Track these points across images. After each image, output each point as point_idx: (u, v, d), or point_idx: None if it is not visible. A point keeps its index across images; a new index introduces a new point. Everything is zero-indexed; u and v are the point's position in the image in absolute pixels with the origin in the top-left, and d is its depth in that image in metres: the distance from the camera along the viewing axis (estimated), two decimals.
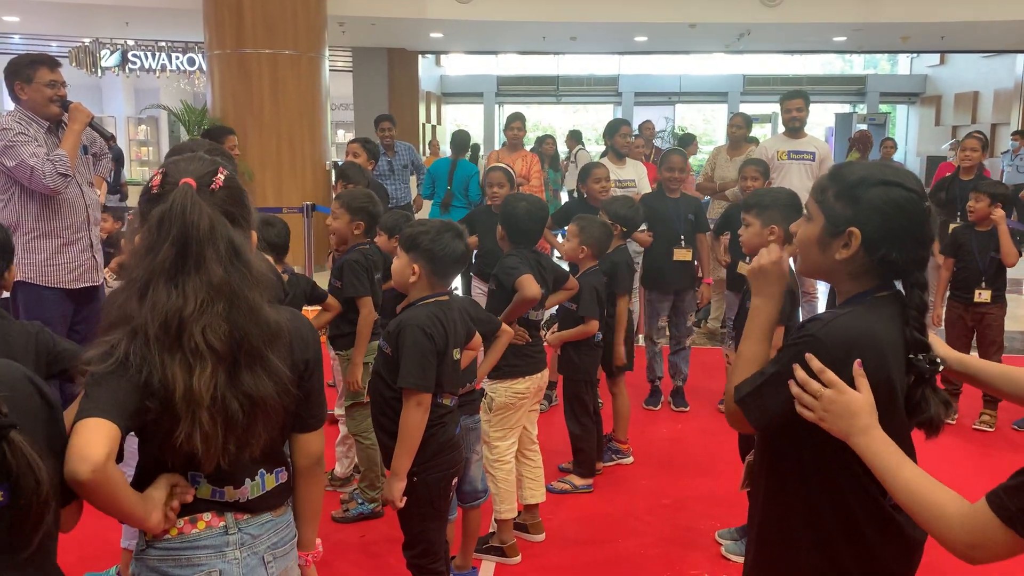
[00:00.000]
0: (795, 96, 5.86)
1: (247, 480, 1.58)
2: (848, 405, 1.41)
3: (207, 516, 1.55)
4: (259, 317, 1.49)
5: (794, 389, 1.47)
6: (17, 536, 1.22)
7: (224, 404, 1.44)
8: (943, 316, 5.07)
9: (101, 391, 1.36)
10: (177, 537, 1.53)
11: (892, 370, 1.47)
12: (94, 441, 1.30)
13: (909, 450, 1.50)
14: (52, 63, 3.81)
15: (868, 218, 1.52)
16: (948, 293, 5.07)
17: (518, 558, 3.37)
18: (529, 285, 3.26)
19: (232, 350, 1.45)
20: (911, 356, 1.49)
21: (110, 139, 4.06)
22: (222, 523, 1.56)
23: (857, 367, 1.43)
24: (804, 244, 1.62)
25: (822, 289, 6.01)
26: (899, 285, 1.56)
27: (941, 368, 1.50)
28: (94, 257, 3.96)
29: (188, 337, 1.42)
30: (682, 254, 5.03)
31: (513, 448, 3.40)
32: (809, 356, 1.45)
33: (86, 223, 3.91)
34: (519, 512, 3.48)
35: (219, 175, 1.53)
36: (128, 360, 1.39)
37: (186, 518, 1.54)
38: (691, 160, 8.78)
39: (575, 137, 11.15)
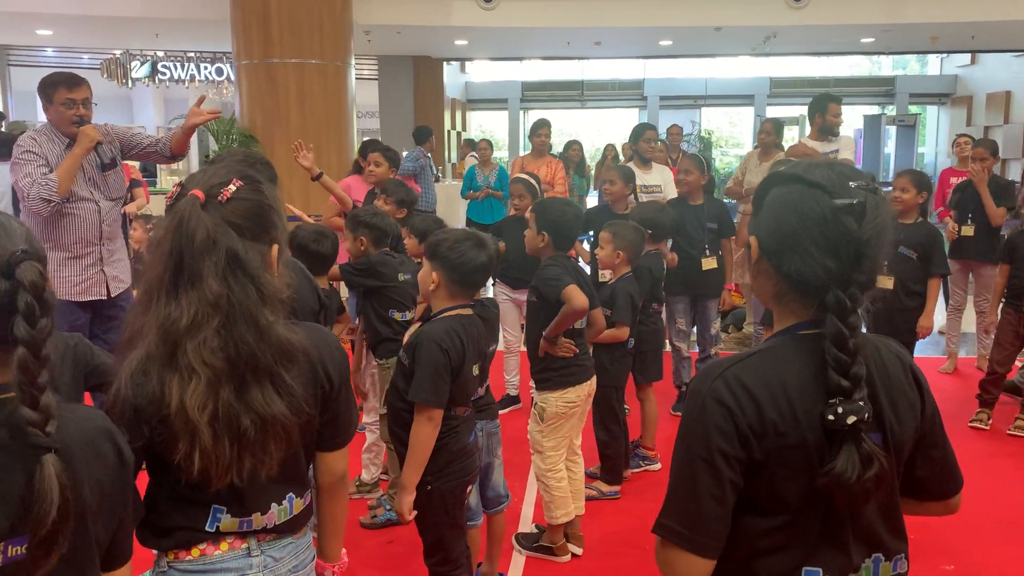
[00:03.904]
0: (837, 100, 5.90)
1: (274, 505, 1.54)
2: None
3: (229, 538, 1.53)
4: (268, 334, 1.43)
5: None
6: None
7: (235, 421, 1.40)
8: (995, 322, 4.97)
9: None
10: (199, 558, 1.50)
11: (807, 430, 1.20)
12: None
13: (837, 531, 1.25)
14: (71, 82, 3.78)
15: (763, 222, 1.29)
16: (1003, 300, 4.98)
17: (567, 557, 3.41)
18: (577, 296, 3.22)
19: (235, 367, 1.40)
20: (829, 401, 1.19)
21: (108, 164, 3.90)
22: (244, 545, 1.53)
23: None
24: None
25: None
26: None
27: (851, 422, 1.17)
28: (103, 271, 3.91)
29: (182, 352, 1.38)
30: (708, 263, 4.98)
31: (564, 456, 3.42)
32: None
33: (98, 238, 3.87)
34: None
35: (230, 186, 1.45)
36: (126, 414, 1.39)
37: (209, 540, 1.51)
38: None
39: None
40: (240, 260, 1.41)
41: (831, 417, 1.18)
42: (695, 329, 5.25)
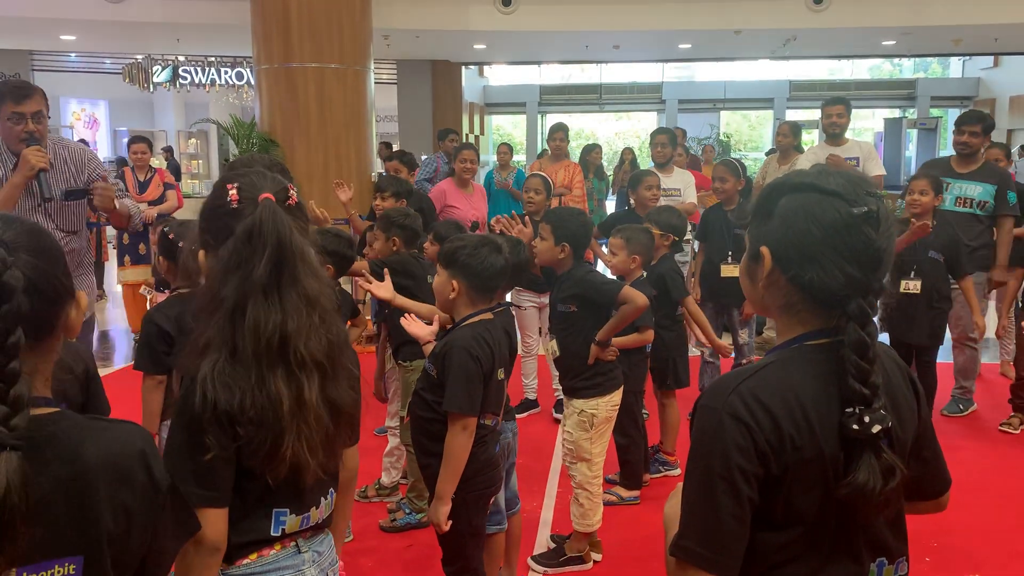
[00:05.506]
0: (836, 102, 5.78)
1: (322, 499, 1.59)
2: None
3: (283, 538, 1.56)
4: (334, 327, 1.51)
5: None
6: None
7: (321, 413, 1.46)
8: (1006, 327, 4.92)
9: (213, 479, 1.41)
10: (257, 560, 1.53)
11: (824, 442, 1.18)
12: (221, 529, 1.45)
13: (850, 540, 1.24)
14: (19, 94, 3.28)
15: (777, 232, 1.24)
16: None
17: (590, 564, 3.40)
18: (637, 294, 3.28)
19: (330, 360, 1.48)
20: (846, 410, 1.17)
21: (47, 200, 3.35)
22: (293, 543, 1.57)
23: None
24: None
25: None
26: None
27: (876, 430, 1.16)
28: None
29: (293, 351, 1.42)
30: (729, 270, 4.91)
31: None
32: None
33: None
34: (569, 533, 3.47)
35: (292, 191, 1.53)
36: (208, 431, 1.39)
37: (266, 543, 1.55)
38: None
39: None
40: (311, 261, 1.49)
41: (856, 426, 1.16)
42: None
